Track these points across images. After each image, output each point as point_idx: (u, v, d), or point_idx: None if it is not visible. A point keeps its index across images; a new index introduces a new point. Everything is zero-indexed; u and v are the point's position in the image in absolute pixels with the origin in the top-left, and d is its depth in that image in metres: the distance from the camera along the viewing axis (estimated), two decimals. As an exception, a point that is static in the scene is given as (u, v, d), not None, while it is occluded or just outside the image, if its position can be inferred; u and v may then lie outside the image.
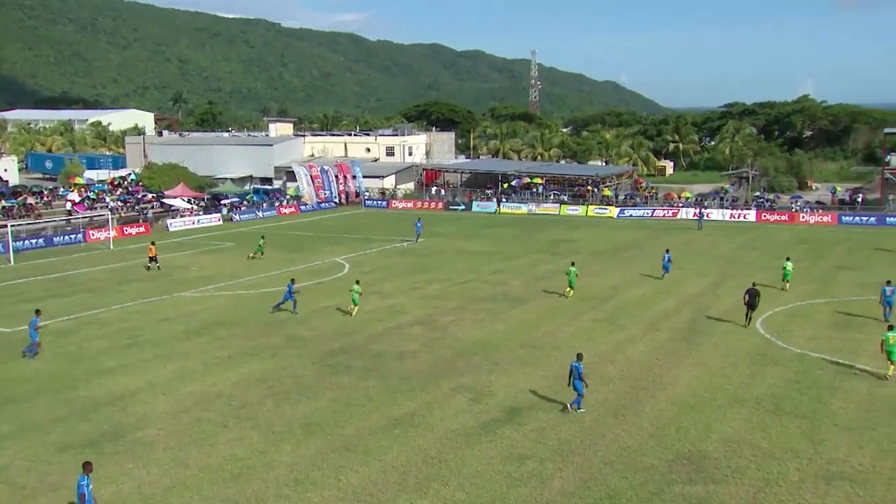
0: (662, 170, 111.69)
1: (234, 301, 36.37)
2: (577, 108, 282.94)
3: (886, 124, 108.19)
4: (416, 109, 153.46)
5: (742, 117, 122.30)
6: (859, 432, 19.48)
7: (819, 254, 47.85)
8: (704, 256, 47.76)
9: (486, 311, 33.39)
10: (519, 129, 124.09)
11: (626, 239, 56.68)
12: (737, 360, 25.74)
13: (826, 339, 28.07)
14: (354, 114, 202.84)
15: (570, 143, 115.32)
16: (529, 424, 20.54)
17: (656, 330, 29.98)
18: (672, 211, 70.61)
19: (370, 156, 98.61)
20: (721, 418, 20.67)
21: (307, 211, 78.71)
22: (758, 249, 50.18)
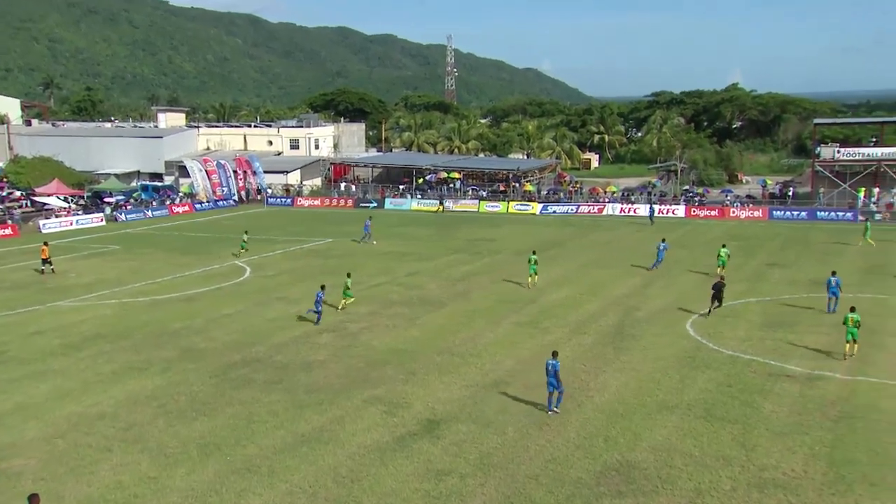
0: (587, 163, 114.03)
1: (119, 311, 35.14)
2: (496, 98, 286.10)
3: (816, 115, 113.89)
4: (322, 98, 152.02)
5: (670, 107, 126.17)
6: (791, 437, 20.30)
7: (750, 251, 49.77)
8: (632, 254, 48.93)
9: (401, 317, 33.31)
10: (434, 120, 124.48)
11: (550, 237, 57.56)
12: (666, 365, 26.44)
13: (758, 340, 29.16)
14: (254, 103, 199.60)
15: (489, 135, 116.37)
16: (448, 437, 20.56)
17: (582, 333, 30.51)
18: (598, 207, 72.18)
19: (272, 149, 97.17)
20: (651, 426, 21.19)
21: (203, 210, 76.89)
22: (688, 247, 51.78)
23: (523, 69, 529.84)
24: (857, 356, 26.74)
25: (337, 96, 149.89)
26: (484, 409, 22.58)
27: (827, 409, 22.09)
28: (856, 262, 44.72)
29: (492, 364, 26.78)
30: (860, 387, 23.87)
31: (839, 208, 66.34)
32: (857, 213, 64.12)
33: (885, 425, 20.82)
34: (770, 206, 68.81)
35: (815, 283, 38.71)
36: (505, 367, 26.38)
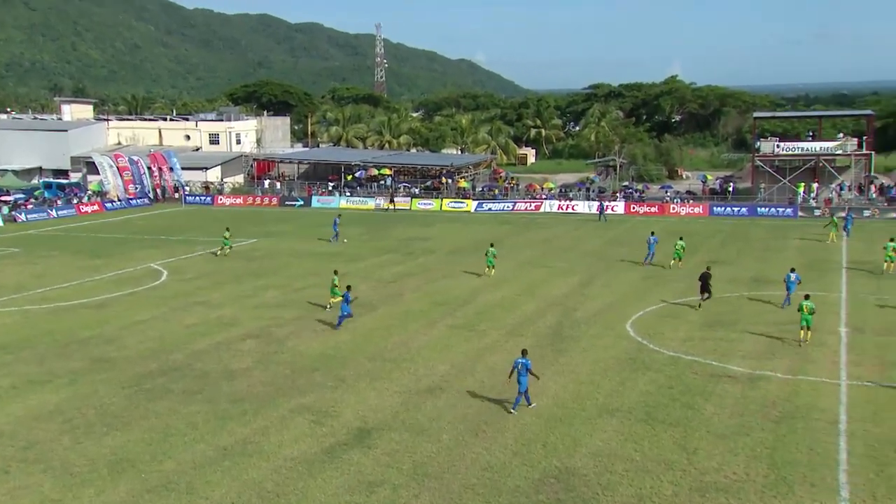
0: (524, 158, 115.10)
1: (20, 319, 34.04)
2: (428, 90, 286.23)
3: (756, 108, 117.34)
4: (244, 90, 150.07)
5: (608, 100, 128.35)
6: (733, 438, 20.84)
7: (691, 248, 50.77)
8: (571, 253, 49.63)
9: (330, 321, 33.10)
10: (364, 114, 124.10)
11: (486, 235, 57.76)
12: (606, 367, 26.86)
13: (699, 341, 29.86)
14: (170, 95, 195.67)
15: (421, 130, 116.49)
16: (380, 447, 20.50)
17: (519, 336, 30.73)
18: (535, 204, 72.92)
19: (190, 144, 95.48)
20: (591, 431, 21.49)
21: (115, 209, 75.18)
22: (628, 244, 52.74)
23: (457, 60, 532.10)
24: (798, 355, 27.63)
25: (259, 88, 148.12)
26: (417, 416, 22.58)
27: (768, 410, 22.75)
28: (797, 258, 46.17)
29: (425, 369, 26.80)
30: (801, 386, 24.64)
31: (779, 204, 68.44)
32: (796, 209, 66.23)
33: (825, 425, 21.54)
34: (710, 202, 70.60)
35: (757, 281, 39.89)
36: (439, 372, 26.43)
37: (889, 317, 32.78)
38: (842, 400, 23.37)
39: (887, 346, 28.71)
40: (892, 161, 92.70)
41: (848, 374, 25.71)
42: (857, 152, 70.51)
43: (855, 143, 71.45)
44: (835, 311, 33.75)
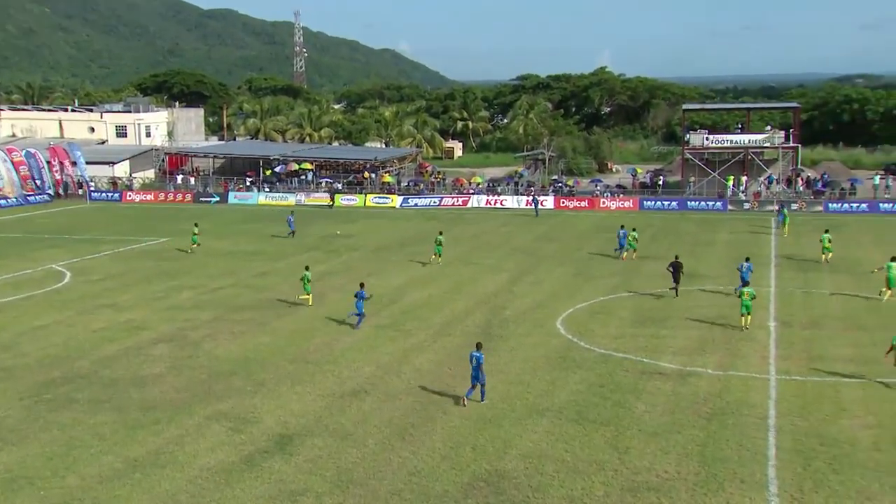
0: (450, 152, 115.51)
1: None
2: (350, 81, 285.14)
3: (685, 100, 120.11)
4: (153, 80, 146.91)
5: (536, 91, 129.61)
6: (664, 437, 21.32)
7: (620, 243, 51.82)
8: (500, 249, 50.03)
9: (249, 322, 32.75)
10: (283, 106, 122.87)
11: (412, 232, 57.97)
12: (536, 366, 27.17)
13: (630, 337, 30.45)
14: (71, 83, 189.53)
15: (343, 122, 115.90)
16: (303, 454, 20.35)
17: (447, 335, 30.92)
18: (462, 199, 73.28)
19: (95, 137, 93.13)
20: (521, 432, 21.72)
21: (10, 206, 72.86)
22: (558, 240, 53.42)
23: (380, 50, 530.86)
24: (728, 350, 28.44)
25: (170, 78, 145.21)
26: (342, 420, 22.49)
27: (699, 407, 23.35)
28: (727, 252, 47.48)
29: (350, 371, 26.70)
30: (731, 382, 25.35)
31: (709, 197, 70.23)
32: (726, 203, 68.05)
33: (754, 420, 22.22)
34: (641, 196, 72.03)
35: (687, 276, 40.77)
36: (364, 374, 26.37)
37: (815, 310, 33.98)
38: (771, 395, 24.14)
39: (814, 339, 29.77)
40: (817, 154, 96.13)
41: (777, 368, 26.56)
42: (785, 145, 72.79)
43: (782, 135, 73.76)
44: (764, 306, 34.76)
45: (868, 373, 25.81)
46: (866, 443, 20.62)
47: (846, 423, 21.86)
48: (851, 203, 66.48)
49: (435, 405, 23.55)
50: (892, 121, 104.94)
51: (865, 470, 19.15)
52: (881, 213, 63.78)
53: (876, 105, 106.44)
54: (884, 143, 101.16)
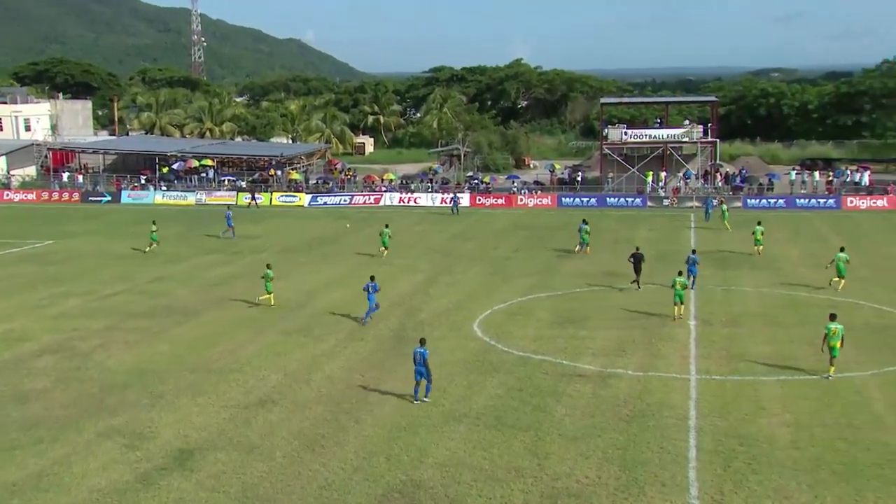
0: (361, 148, 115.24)
1: None
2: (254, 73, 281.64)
3: (603, 93, 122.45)
4: (32, 69, 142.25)
5: (450, 84, 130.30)
6: (584, 441, 21.68)
7: (539, 241, 52.56)
8: (414, 249, 50.11)
9: (144, 331, 32.12)
10: (180, 99, 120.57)
11: (321, 232, 57.62)
12: (453, 371, 27.28)
13: (549, 339, 30.86)
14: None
15: (247, 116, 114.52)
16: (205, 469, 20.01)
17: (359, 340, 30.86)
18: (374, 197, 73.15)
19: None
20: (437, 439, 21.79)
21: None
22: (474, 239, 53.79)
23: (285, 40, 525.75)
24: (649, 351, 29.12)
25: (52, 67, 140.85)
26: (247, 432, 22.20)
27: (619, 409, 23.82)
28: (647, 249, 48.37)
29: (256, 380, 26.39)
30: (651, 383, 25.93)
31: (628, 194, 71.74)
32: (645, 199, 69.61)
33: (675, 422, 22.79)
34: (559, 193, 73.09)
35: (608, 275, 41.63)
36: (271, 383, 26.11)
37: (735, 307, 35.06)
38: (691, 395, 24.79)
39: (733, 337, 30.71)
40: (735, 149, 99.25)
41: (697, 368, 27.29)
42: (703, 140, 74.86)
43: (701, 130, 75.82)
44: (684, 304, 35.64)
45: (785, 370, 26.77)
46: (784, 441, 21.37)
47: (765, 422, 22.61)
48: (769, 199, 68.78)
49: (347, 414, 23.44)
50: (808, 115, 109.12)
51: (783, 469, 19.84)
52: (798, 208, 66.15)
53: (792, 99, 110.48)
54: (799, 137, 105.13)
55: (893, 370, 26.66)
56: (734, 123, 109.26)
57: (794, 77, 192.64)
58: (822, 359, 27.55)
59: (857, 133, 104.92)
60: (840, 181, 72.16)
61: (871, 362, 27.26)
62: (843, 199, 66.63)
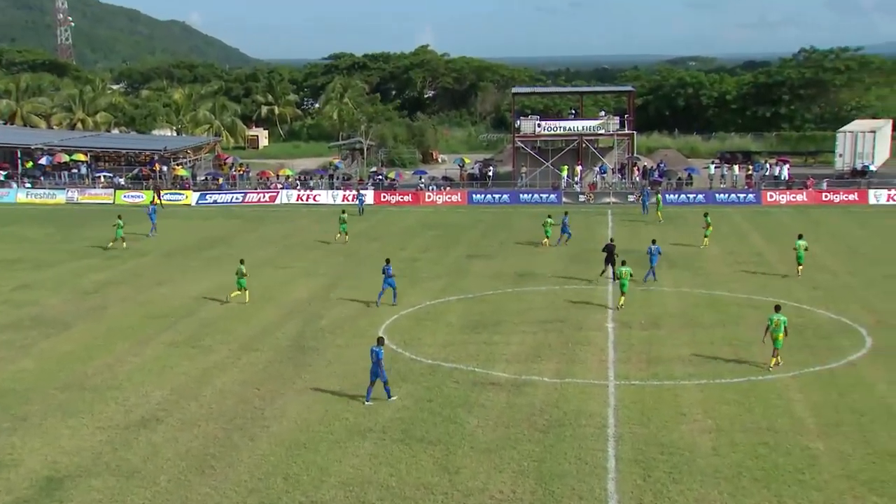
0: (254, 141, 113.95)
1: None
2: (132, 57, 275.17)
3: (515, 83, 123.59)
4: None
5: (351, 72, 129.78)
6: (498, 453, 21.87)
7: (448, 241, 52.81)
8: (314, 251, 49.81)
9: (7, 345, 31.33)
10: (46, 85, 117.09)
11: (211, 232, 56.81)
12: (357, 381, 27.14)
13: (460, 345, 31.02)
14: None
15: (124, 106, 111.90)
16: (76, 499, 19.58)
17: (254, 350, 30.54)
18: (270, 194, 72.39)
19: None
20: (340, 456, 21.70)
21: None
22: (379, 239, 53.73)
23: (166, 22, 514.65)
24: (565, 356, 29.56)
25: None
26: (127, 455, 21.74)
27: (535, 419, 24.11)
28: (562, 249, 49.27)
29: (137, 397, 25.87)
30: (568, 390, 26.32)
31: (542, 189, 72.60)
32: (560, 195, 70.56)
33: (593, 430, 23.18)
34: (469, 190, 73.51)
35: (521, 276, 42.08)
36: (155, 400, 25.64)
37: (654, 308, 35.84)
38: (610, 402, 25.26)
39: (652, 340, 31.39)
40: (653, 141, 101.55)
41: (616, 373, 27.83)
42: (620, 132, 76.29)
43: (617, 121, 77.25)
44: (601, 306, 36.35)
45: (706, 373, 27.52)
46: (705, 448, 21.96)
47: (685, 429, 23.19)
48: (688, 193, 70.51)
49: (240, 431, 23.14)
50: (726, 107, 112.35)
51: (704, 477, 20.38)
52: (717, 203, 67.93)
53: (710, 90, 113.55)
54: (718, 129, 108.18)
55: (814, 371, 27.68)
56: (652, 115, 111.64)
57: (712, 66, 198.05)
58: (741, 361, 28.55)
59: (775, 125, 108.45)
60: (759, 175, 74.46)
61: (792, 363, 28.20)
62: (763, 194, 68.70)
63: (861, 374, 27.38)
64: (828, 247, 48.60)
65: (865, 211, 63.21)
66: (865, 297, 37.27)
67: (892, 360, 28.64)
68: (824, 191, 68.49)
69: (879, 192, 67.23)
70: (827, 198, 67.51)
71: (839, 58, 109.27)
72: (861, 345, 30.37)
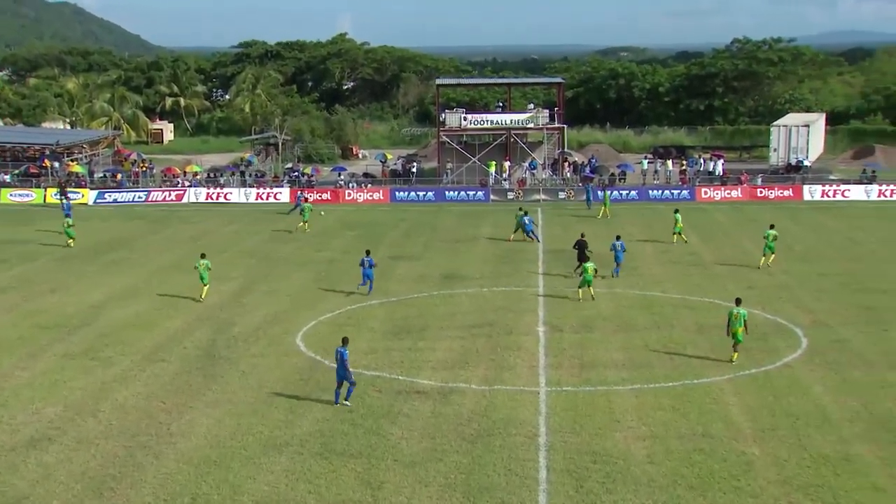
0: (158, 135, 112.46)
1: None
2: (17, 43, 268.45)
3: (439, 73, 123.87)
4: None
5: (264, 62, 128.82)
6: (424, 466, 21.91)
7: (370, 242, 52.49)
8: (226, 253, 49.23)
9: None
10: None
11: (111, 234, 55.93)
12: (273, 392, 27.03)
13: (383, 352, 31.01)
14: None
15: (9, 96, 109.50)
16: (-36, 529, 19.01)
17: (160, 361, 30.13)
18: (176, 193, 71.42)
19: None
20: (254, 473, 21.52)
21: None
22: (295, 240, 53.36)
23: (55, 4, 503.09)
24: (494, 362, 29.75)
25: None
26: (13, 479, 21.31)
27: (462, 428, 24.21)
28: (491, 249, 49.57)
29: (26, 415, 25.36)
30: (497, 398, 26.48)
31: (469, 186, 72.88)
32: (488, 192, 70.92)
33: (523, 440, 23.37)
34: (392, 187, 73.45)
35: (448, 278, 42.20)
36: (47, 418, 25.16)
37: (586, 311, 36.22)
38: (541, 410, 25.49)
39: (585, 344, 31.76)
40: (585, 136, 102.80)
41: (547, 379, 28.08)
42: (550, 125, 76.90)
43: (546, 114, 77.83)
44: (532, 309, 36.65)
45: (640, 378, 27.95)
46: (640, 456, 22.31)
47: (619, 436, 23.52)
48: (621, 190, 71.41)
49: (144, 449, 22.79)
50: (659, 99, 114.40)
51: (639, 486, 20.71)
52: (651, 200, 69.07)
53: (642, 81, 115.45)
54: (651, 123, 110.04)
55: (749, 374, 28.27)
56: (582, 107, 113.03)
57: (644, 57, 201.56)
58: (676, 364, 29.07)
59: (709, 118, 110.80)
60: (694, 170, 75.81)
61: (727, 366, 28.82)
62: (697, 190, 70.00)
63: (797, 377, 28.08)
64: (763, 245, 49.62)
65: (800, 207, 64.77)
66: (801, 296, 38.21)
67: (827, 360, 29.44)
68: (759, 187, 70.17)
69: (814, 187, 69.13)
70: (762, 194, 69.18)
71: (772, 49, 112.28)
72: (797, 345, 31.14)
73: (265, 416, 25.11)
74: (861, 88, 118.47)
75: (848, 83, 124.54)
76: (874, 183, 69.52)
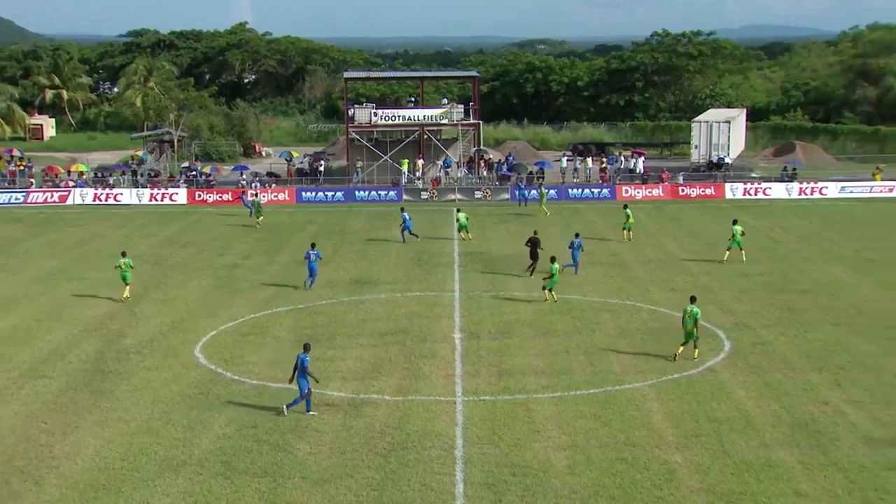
0: (38, 131, 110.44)
1: None
2: None
3: (348, 66, 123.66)
4: None
5: (156, 52, 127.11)
6: (333, 483, 21.80)
7: (274, 245, 52.30)
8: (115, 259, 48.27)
9: None
10: None
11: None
12: (169, 408, 26.64)
13: (290, 363, 30.40)
14: None
15: None
16: None
17: (42, 377, 29.54)
18: (59, 194, 70.08)
19: None
20: (147, 497, 21.18)
21: None
22: (194, 244, 52.75)
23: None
24: (408, 370, 29.82)
25: None
26: None
27: (375, 442, 24.17)
28: (403, 252, 49.56)
29: None
30: (412, 409, 26.50)
31: (381, 186, 72.85)
32: (401, 192, 70.96)
33: (439, 453, 23.43)
34: (298, 187, 73.07)
35: (358, 283, 42.14)
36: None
37: (504, 316, 36.50)
38: (458, 420, 25.59)
39: (503, 350, 31.98)
40: (502, 132, 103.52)
41: (464, 388, 28.20)
42: (465, 121, 77.24)
43: (461, 110, 78.17)
44: (448, 315, 36.77)
45: (560, 385, 28.25)
46: (560, 467, 22.54)
47: (539, 447, 23.73)
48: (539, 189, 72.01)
49: (21, 475, 22.28)
50: (578, 94, 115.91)
51: (559, 498, 20.93)
52: (570, 199, 69.82)
53: (560, 75, 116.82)
54: (570, 119, 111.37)
55: (672, 379, 28.78)
56: (499, 103, 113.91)
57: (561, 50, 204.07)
58: (598, 370, 29.47)
59: (629, 114, 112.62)
60: (614, 168, 76.93)
61: (650, 371, 29.33)
62: (618, 189, 71.04)
63: (720, 381, 28.65)
64: (685, 245, 50.71)
65: (722, 206, 66.17)
66: (723, 298, 38.98)
67: (749, 364, 30.14)
68: (681, 185, 71.52)
69: (736, 185, 70.83)
70: (684, 192, 70.58)
71: (692, 42, 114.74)
72: (720, 348, 31.80)
73: (160, 435, 24.73)
74: (781, 84, 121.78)
75: (768, 78, 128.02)
76: (794, 181, 71.51)
